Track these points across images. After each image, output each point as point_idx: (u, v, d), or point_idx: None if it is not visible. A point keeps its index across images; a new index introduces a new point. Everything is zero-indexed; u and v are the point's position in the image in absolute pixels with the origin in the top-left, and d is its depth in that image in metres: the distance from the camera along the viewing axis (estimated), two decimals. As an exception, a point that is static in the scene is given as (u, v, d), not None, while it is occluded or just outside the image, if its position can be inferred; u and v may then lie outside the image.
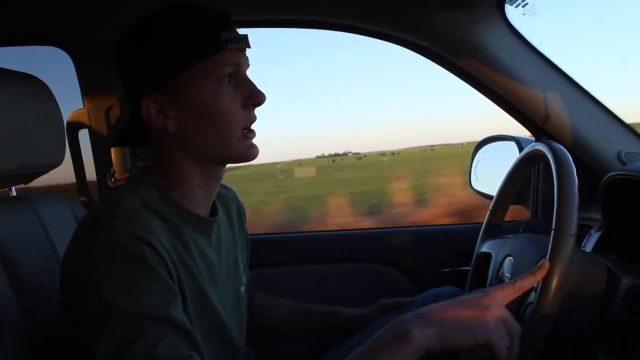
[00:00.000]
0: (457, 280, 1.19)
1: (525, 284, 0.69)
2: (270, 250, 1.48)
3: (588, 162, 1.25)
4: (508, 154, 1.37)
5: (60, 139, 0.98)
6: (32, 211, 0.93)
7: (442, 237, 1.51)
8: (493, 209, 1.05)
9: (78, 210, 1.05)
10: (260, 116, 0.81)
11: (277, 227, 9.15)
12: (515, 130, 1.42)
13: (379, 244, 1.49)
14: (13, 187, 1.02)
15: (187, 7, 0.76)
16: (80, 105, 1.36)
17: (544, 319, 0.69)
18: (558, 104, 1.25)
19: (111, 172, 1.38)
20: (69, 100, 1.33)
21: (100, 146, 1.38)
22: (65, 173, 1.30)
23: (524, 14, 1.20)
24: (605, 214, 1.01)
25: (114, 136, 0.85)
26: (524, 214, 1.50)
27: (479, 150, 1.53)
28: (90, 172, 1.41)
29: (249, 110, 0.78)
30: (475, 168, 1.53)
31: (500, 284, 0.91)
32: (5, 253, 0.80)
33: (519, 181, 1.02)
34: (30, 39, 1.34)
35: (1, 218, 0.85)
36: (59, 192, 1.11)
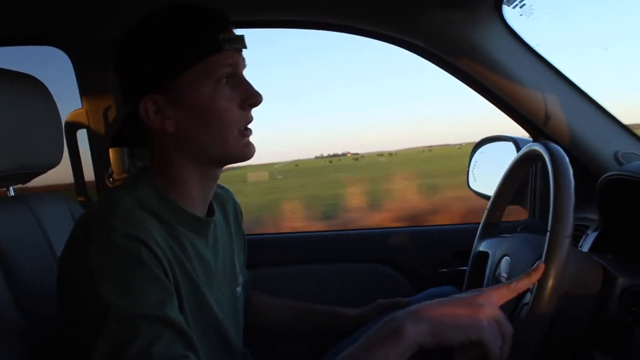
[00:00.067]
0: (455, 280, 1.20)
1: (520, 286, 0.70)
2: (268, 251, 1.48)
3: (585, 163, 1.26)
4: (506, 154, 1.37)
5: (59, 139, 0.98)
6: (30, 211, 0.93)
7: (441, 237, 1.51)
8: (490, 209, 1.05)
9: (76, 210, 1.05)
10: (260, 116, 0.81)
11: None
12: (513, 130, 1.42)
13: (377, 244, 1.49)
14: (11, 187, 1.02)
15: (186, 8, 0.76)
16: (78, 105, 1.36)
17: (540, 319, 0.69)
18: (555, 104, 1.25)
19: (109, 173, 1.38)
20: (67, 100, 1.32)
21: (99, 146, 1.38)
22: (63, 173, 1.30)
23: (521, 15, 1.21)
24: (602, 214, 1.02)
25: (111, 137, 0.85)
26: (522, 214, 1.51)
27: (477, 150, 1.53)
28: (89, 172, 1.41)
29: (246, 110, 0.79)
30: (473, 168, 1.53)
31: (496, 283, 0.91)
32: (3, 253, 0.80)
33: (517, 181, 1.02)
34: (28, 39, 1.34)
35: None
36: (57, 192, 1.11)
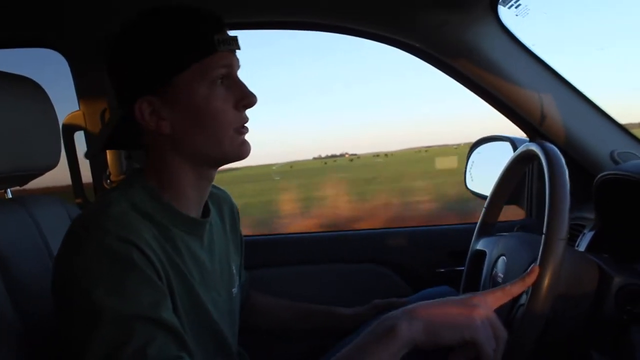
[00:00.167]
0: (452, 281, 1.20)
1: (514, 290, 0.70)
2: (266, 252, 1.48)
3: (581, 162, 1.26)
4: (503, 154, 1.37)
5: (56, 141, 0.98)
6: (28, 213, 0.93)
7: (438, 238, 1.51)
8: (487, 209, 1.05)
9: (74, 212, 1.05)
10: (260, 118, 0.81)
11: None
12: (511, 131, 1.42)
13: (374, 245, 1.49)
14: (8, 189, 1.02)
15: (180, 9, 0.76)
16: (75, 108, 1.36)
17: (535, 319, 0.69)
18: (551, 104, 1.26)
19: (107, 174, 1.38)
20: (64, 103, 1.32)
21: (96, 148, 1.38)
22: (61, 175, 1.30)
23: (517, 15, 1.21)
24: (599, 213, 1.02)
25: (104, 139, 0.85)
26: (519, 214, 1.51)
27: (474, 150, 1.54)
28: (86, 174, 1.41)
29: (241, 111, 0.79)
30: (471, 168, 1.53)
31: (493, 283, 0.91)
32: (1, 255, 0.80)
33: (513, 181, 1.02)
34: (25, 41, 1.34)
35: None
36: (54, 194, 1.10)
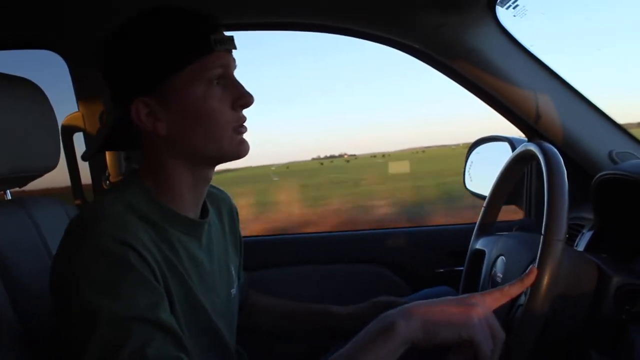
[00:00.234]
0: (452, 281, 1.20)
1: (513, 291, 0.70)
2: (265, 253, 1.49)
3: (580, 162, 1.26)
4: (501, 154, 1.37)
5: (55, 142, 0.98)
6: (27, 214, 0.93)
7: (437, 238, 1.52)
8: (486, 208, 1.06)
9: (73, 214, 1.05)
10: (260, 118, 0.81)
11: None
12: (510, 131, 1.42)
13: (373, 245, 1.50)
14: (8, 191, 1.02)
15: (176, 9, 0.76)
16: (74, 109, 1.36)
17: (534, 319, 0.70)
18: (550, 104, 1.26)
19: (106, 175, 1.38)
20: (63, 104, 1.32)
21: (93, 150, 1.38)
22: (60, 176, 1.30)
23: (515, 16, 1.21)
24: (597, 213, 1.02)
25: (100, 140, 0.84)
26: (518, 214, 1.51)
27: (473, 151, 1.54)
28: (86, 175, 1.41)
29: (237, 111, 0.79)
30: (469, 169, 1.54)
31: (492, 283, 0.92)
32: (1, 256, 0.80)
33: (512, 181, 1.02)
34: (24, 43, 1.34)
35: None
36: (54, 196, 1.10)
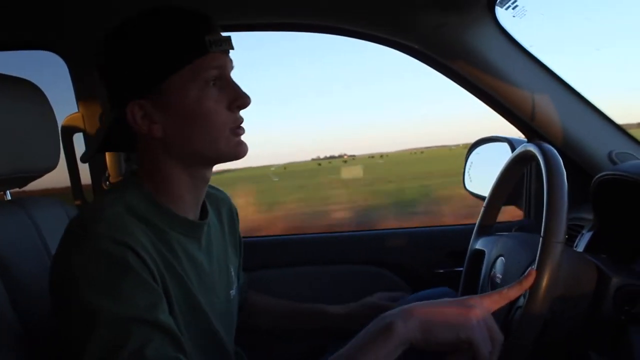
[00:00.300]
0: (452, 281, 1.20)
1: (512, 293, 0.70)
2: (265, 253, 1.48)
3: (579, 163, 1.26)
4: (501, 155, 1.37)
5: (55, 143, 0.98)
6: (27, 215, 0.93)
7: (436, 238, 1.51)
8: (486, 209, 1.06)
9: (73, 214, 1.05)
10: (259, 118, 0.81)
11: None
12: (510, 132, 1.42)
13: (372, 246, 1.50)
14: (8, 191, 1.02)
15: (171, 10, 0.75)
16: (74, 110, 1.36)
17: (533, 321, 0.69)
18: (549, 105, 1.26)
19: (106, 176, 1.38)
20: (63, 105, 1.32)
21: (91, 151, 1.37)
22: (60, 177, 1.30)
23: (514, 16, 1.21)
24: (597, 213, 1.02)
25: (97, 142, 0.84)
26: (517, 215, 1.51)
27: (472, 151, 1.54)
28: (85, 176, 1.41)
29: (234, 112, 0.78)
30: (469, 169, 1.54)
31: (491, 283, 0.92)
32: (1, 256, 0.80)
33: (511, 181, 1.02)
34: (24, 44, 1.34)
35: None
36: (54, 196, 1.11)
